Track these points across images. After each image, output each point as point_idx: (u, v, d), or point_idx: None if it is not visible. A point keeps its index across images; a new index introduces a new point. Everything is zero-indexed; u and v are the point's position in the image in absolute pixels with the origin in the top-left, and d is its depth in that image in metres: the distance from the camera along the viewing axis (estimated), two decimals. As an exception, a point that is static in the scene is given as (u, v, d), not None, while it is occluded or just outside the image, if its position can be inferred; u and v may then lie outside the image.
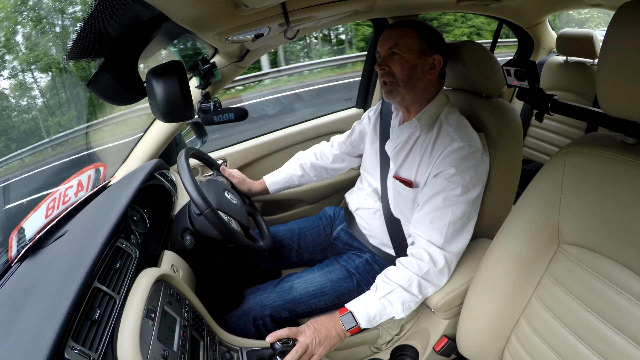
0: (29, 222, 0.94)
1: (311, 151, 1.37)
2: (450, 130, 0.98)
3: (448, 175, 0.94)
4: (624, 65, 0.56)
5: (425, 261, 0.92)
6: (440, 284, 0.94)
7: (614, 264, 0.64)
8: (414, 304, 0.92)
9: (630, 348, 0.60)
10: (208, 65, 1.08)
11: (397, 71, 1.00)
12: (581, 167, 0.68)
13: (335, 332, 0.89)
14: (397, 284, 0.91)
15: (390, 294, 0.90)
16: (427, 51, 0.99)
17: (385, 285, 0.92)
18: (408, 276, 0.92)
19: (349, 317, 0.90)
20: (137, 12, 0.67)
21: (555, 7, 1.99)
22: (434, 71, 1.01)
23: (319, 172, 1.35)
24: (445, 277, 0.94)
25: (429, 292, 0.94)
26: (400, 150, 1.07)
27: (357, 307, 0.91)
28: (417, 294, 0.91)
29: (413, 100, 1.04)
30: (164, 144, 1.34)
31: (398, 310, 0.91)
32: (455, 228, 0.93)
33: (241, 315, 1.07)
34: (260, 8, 0.68)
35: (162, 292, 0.77)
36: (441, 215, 0.93)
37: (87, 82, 0.78)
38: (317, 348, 0.86)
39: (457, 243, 0.94)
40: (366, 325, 0.90)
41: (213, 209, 0.92)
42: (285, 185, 1.34)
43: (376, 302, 0.90)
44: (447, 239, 0.93)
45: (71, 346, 0.59)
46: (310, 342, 0.86)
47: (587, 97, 1.86)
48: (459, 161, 0.93)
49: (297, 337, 0.87)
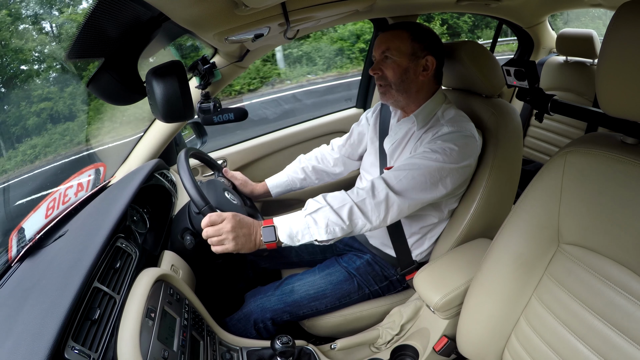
0: (29, 222, 0.94)
1: (312, 154, 1.38)
2: (443, 122, 0.99)
3: (430, 146, 0.94)
4: (624, 65, 0.56)
5: (365, 190, 0.90)
6: (372, 219, 0.89)
7: (614, 264, 0.64)
8: (339, 229, 0.88)
9: (630, 348, 0.60)
10: (208, 65, 1.08)
11: (389, 75, 1.01)
12: (581, 167, 0.68)
13: (253, 239, 0.88)
14: (328, 202, 0.89)
15: (317, 212, 0.88)
16: (419, 53, 1.00)
17: (315, 204, 0.90)
18: (342, 198, 0.89)
19: (271, 230, 0.88)
20: (137, 12, 0.67)
21: (555, 7, 1.99)
22: (427, 72, 1.02)
23: (320, 175, 1.35)
24: (379, 214, 0.89)
25: (359, 224, 0.89)
26: (397, 146, 1.09)
27: (281, 223, 0.89)
28: (345, 219, 0.87)
29: (407, 102, 1.05)
30: (164, 144, 1.34)
31: (321, 231, 0.87)
32: (414, 181, 0.90)
33: (242, 319, 1.07)
34: (260, 8, 0.68)
35: (162, 292, 0.77)
36: (406, 165, 0.93)
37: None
38: (231, 240, 0.85)
39: (409, 192, 0.90)
40: (287, 240, 0.88)
41: (211, 206, 0.92)
42: (287, 188, 1.34)
43: (302, 219, 0.89)
44: (401, 184, 0.89)
45: (71, 346, 0.58)
46: (229, 227, 0.85)
47: (587, 97, 1.86)
48: (444, 137, 0.94)
49: (222, 218, 0.87)
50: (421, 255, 1.13)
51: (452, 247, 1.07)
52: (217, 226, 0.87)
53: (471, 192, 1.06)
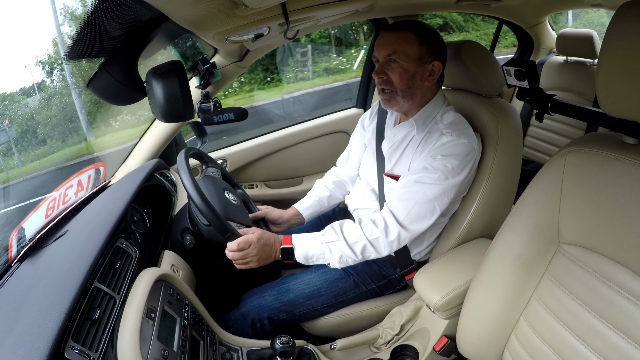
0: (29, 222, 0.94)
1: (327, 175, 1.34)
2: (442, 128, 0.99)
3: (431, 161, 0.96)
4: (624, 65, 0.56)
5: (379, 228, 0.95)
6: (383, 253, 0.96)
7: (614, 264, 0.64)
8: (352, 261, 0.96)
9: (630, 348, 0.60)
10: (208, 65, 1.08)
11: (395, 80, 0.98)
12: (581, 167, 0.68)
13: (273, 256, 0.96)
14: (344, 238, 0.95)
15: (334, 244, 0.95)
16: (426, 58, 0.97)
17: (333, 234, 0.96)
18: (357, 235, 0.95)
19: (289, 251, 0.96)
20: (137, 12, 0.67)
21: (555, 7, 1.99)
22: (432, 78, 1.00)
23: (342, 190, 1.31)
24: (390, 250, 0.96)
25: (371, 256, 0.97)
26: (395, 150, 1.08)
27: (299, 244, 0.96)
28: (358, 254, 0.95)
29: (410, 107, 1.04)
30: (164, 144, 1.34)
31: (335, 260, 0.95)
32: (422, 209, 0.95)
33: (239, 319, 1.07)
34: (260, 8, 0.68)
35: (162, 292, 0.77)
36: (412, 192, 0.95)
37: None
38: (253, 262, 0.94)
39: (417, 224, 0.96)
40: (302, 260, 0.97)
41: (235, 232, 0.92)
42: (317, 210, 1.27)
43: (319, 245, 0.95)
44: (410, 217, 0.95)
45: (71, 346, 0.58)
46: (255, 252, 0.92)
47: (587, 97, 1.86)
48: (445, 150, 0.95)
49: (246, 234, 0.93)
50: (420, 255, 1.13)
51: (452, 247, 1.07)
52: (244, 251, 0.93)
53: (471, 192, 1.06)
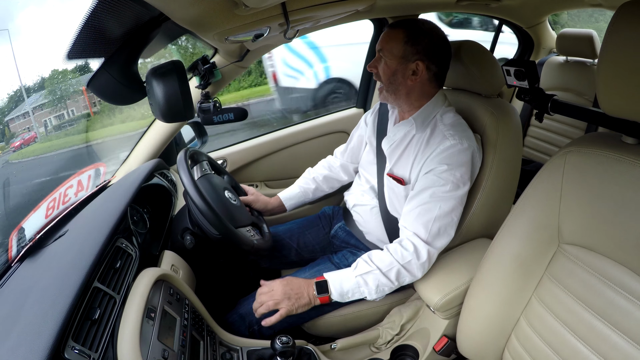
0: (29, 222, 0.94)
1: (320, 164, 1.39)
2: (444, 129, 0.99)
3: (439, 172, 0.95)
4: (624, 65, 0.56)
5: (409, 251, 0.94)
6: (418, 275, 0.96)
7: (614, 264, 0.64)
8: (388, 288, 0.95)
9: (630, 348, 0.60)
10: (208, 65, 1.08)
11: (381, 74, 1.03)
12: (581, 167, 0.68)
13: (306, 295, 0.95)
14: (377, 266, 0.94)
15: (368, 274, 0.94)
16: (410, 57, 0.99)
17: (365, 265, 0.95)
18: (389, 261, 0.94)
19: (323, 285, 0.95)
20: (136, 12, 0.67)
21: (555, 7, 1.99)
22: (416, 77, 1.00)
23: (331, 183, 1.37)
24: (424, 270, 0.96)
25: (406, 281, 0.96)
26: (395, 148, 1.08)
27: (333, 279, 0.96)
28: (393, 280, 0.94)
29: (399, 103, 1.06)
30: (164, 144, 1.34)
31: (372, 291, 0.94)
32: (442, 224, 0.95)
33: (236, 321, 1.06)
34: (260, 8, 0.68)
35: (162, 292, 0.77)
36: (428, 210, 0.95)
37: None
38: (285, 302, 0.93)
39: (441, 239, 0.96)
40: (337, 297, 0.95)
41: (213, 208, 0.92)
42: (301, 200, 1.34)
43: (352, 278, 0.94)
44: (433, 234, 0.95)
45: (71, 346, 0.58)
46: (281, 292, 0.93)
47: (587, 97, 1.85)
48: (450, 158, 0.95)
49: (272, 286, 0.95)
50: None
51: (451, 247, 1.07)
52: (268, 294, 0.95)
53: (471, 193, 1.05)
